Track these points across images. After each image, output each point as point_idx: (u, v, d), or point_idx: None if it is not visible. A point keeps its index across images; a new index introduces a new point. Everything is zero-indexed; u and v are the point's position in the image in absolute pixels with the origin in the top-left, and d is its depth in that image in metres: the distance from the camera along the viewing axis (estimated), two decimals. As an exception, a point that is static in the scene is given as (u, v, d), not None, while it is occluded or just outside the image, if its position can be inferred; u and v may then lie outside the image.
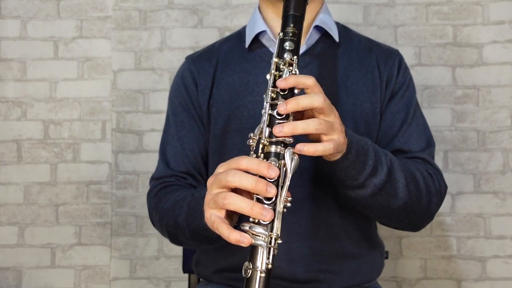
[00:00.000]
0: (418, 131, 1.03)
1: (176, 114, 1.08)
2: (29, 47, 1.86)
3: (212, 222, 0.70)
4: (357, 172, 0.82)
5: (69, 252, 1.84)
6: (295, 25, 0.77)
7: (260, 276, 0.65)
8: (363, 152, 0.81)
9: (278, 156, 0.68)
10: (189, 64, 1.09)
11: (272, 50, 1.03)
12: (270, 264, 0.65)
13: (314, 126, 0.70)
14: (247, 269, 0.66)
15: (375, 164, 0.83)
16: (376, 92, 1.02)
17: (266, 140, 0.69)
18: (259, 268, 0.65)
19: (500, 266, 1.76)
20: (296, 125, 0.68)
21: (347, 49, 1.05)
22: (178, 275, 1.82)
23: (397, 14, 1.82)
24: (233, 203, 0.66)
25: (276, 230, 0.66)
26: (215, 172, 0.71)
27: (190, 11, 1.85)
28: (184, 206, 0.89)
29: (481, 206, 1.77)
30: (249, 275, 0.65)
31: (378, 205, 0.88)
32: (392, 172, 0.86)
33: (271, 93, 0.72)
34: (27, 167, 1.85)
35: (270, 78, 0.74)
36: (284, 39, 0.76)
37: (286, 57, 0.74)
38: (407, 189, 0.88)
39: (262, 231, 0.65)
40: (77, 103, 1.86)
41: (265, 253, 0.65)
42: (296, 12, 0.78)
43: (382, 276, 1.14)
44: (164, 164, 1.07)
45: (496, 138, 1.77)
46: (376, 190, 0.85)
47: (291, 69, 0.73)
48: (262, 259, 0.65)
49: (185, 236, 0.91)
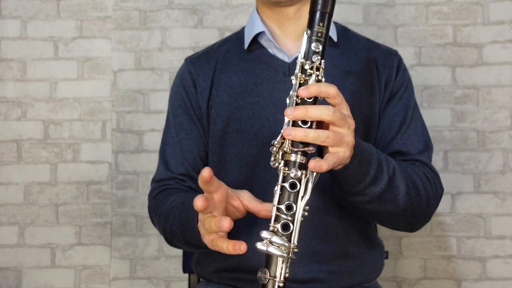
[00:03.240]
0: (416, 133, 1.03)
1: (175, 115, 1.08)
2: (29, 47, 1.86)
3: (213, 247, 0.74)
4: (357, 181, 0.82)
5: (69, 252, 1.84)
6: (323, 24, 0.72)
7: (278, 285, 0.67)
8: (365, 163, 0.81)
9: (299, 165, 0.68)
10: (188, 66, 1.09)
11: (271, 51, 1.03)
12: (287, 273, 0.68)
13: (322, 138, 0.68)
14: (264, 277, 0.68)
15: (376, 174, 0.83)
16: (374, 93, 1.02)
17: (289, 148, 0.69)
18: (278, 278, 0.67)
19: (500, 266, 1.76)
20: (307, 133, 0.68)
21: (345, 50, 1.05)
22: (178, 275, 1.82)
23: (397, 14, 1.82)
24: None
25: (294, 240, 0.68)
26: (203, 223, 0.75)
27: (190, 11, 1.85)
28: (176, 215, 0.91)
29: (481, 206, 1.77)
30: (266, 283, 0.68)
31: (377, 210, 0.89)
32: (393, 180, 0.86)
33: (296, 98, 0.70)
34: (27, 167, 1.85)
35: (296, 81, 0.71)
36: (311, 39, 0.72)
37: (314, 60, 0.70)
38: (408, 196, 0.88)
39: (281, 242, 0.67)
40: (77, 103, 1.86)
41: (285, 264, 0.67)
42: (324, 9, 0.73)
43: (382, 276, 1.14)
44: (164, 166, 1.07)
45: (496, 138, 1.77)
46: (375, 198, 0.85)
47: (318, 74, 0.71)
48: (281, 269, 0.67)
49: (180, 243, 0.94)
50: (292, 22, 1.02)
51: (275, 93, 1.00)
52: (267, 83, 1.01)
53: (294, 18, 1.02)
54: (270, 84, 1.01)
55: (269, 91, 1.01)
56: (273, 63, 1.02)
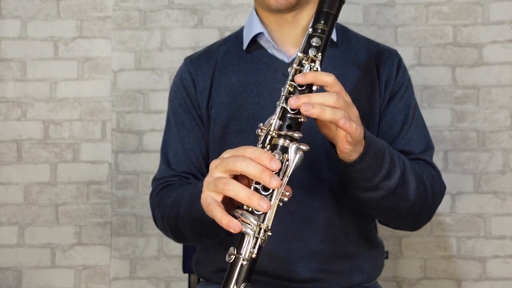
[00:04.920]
0: (418, 133, 1.03)
1: (176, 115, 1.08)
2: (29, 47, 1.86)
3: (208, 204, 0.69)
4: (372, 174, 0.81)
5: (69, 252, 1.84)
6: (326, 22, 0.74)
7: (241, 263, 0.65)
8: (380, 155, 0.81)
9: (284, 149, 0.68)
10: (187, 66, 1.09)
11: (270, 51, 1.03)
12: (254, 254, 0.65)
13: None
14: (231, 254, 0.66)
15: (390, 167, 0.83)
16: (374, 92, 1.02)
17: (275, 132, 0.69)
18: (242, 255, 0.65)
19: (500, 266, 1.76)
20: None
21: (345, 50, 1.05)
22: (178, 275, 1.82)
23: (397, 14, 1.82)
24: (233, 189, 0.66)
25: (267, 221, 0.66)
26: (221, 156, 0.71)
27: (190, 11, 1.85)
28: (186, 196, 0.89)
29: (481, 206, 1.77)
30: (232, 261, 0.65)
31: (388, 206, 0.89)
32: (405, 175, 0.86)
33: (288, 86, 0.70)
34: (27, 167, 1.85)
35: (290, 71, 0.72)
36: (312, 35, 0.73)
37: (310, 53, 0.72)
38: (417, 191, 0.88)
39: (252, 220, 0.65)
40: (77, 103, 1.86)
41: (251, 242, 0.65)
42: (329, 10, 0.75)
43: (382, 276, 1.14)
44: (166, 165, 1.07)
45: (496, 138, 1.77)
46: (388, 193, 0.85)
47: (313, 65, 0.72)
48: (247, 247, 0.65)
49: (185, 227, 0.91)
50: (290, 25, 1.02)
51: (274, 93, 1.00)
52: (266, 84, 1.01)
53: (292, 22, 1.02)
54: (269, 84, 1.01)
55: (268, 92, 1.01)
56: (272, 64, 1.02)
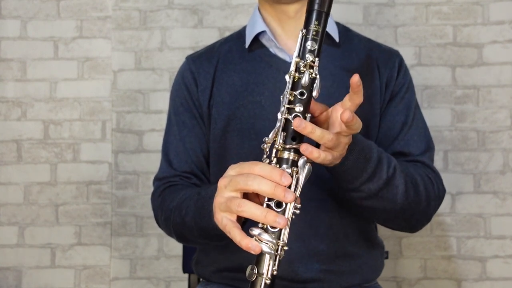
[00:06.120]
0: (418, 134, 1.03)
1: (177, 114, 1.08)
2: (29, 47, 1.86)
3: (224, 226, 0.70)
4: (353, 177, 0.82)
5: (69, 252, 1.84)
6: (319, 22, 0.72)
7: (265, 282, 0.66)
8: (363, 160, 0.81)
9: (291, 163, 0.68)
10: (189, 64, 1.09)
11: (272, 50, 1.03)
12: (275, 271, 0.67)
13: (326, 139, 0.69)
14: (252, 274, 0.67)
15: (374, 171, 0.83)
16: (375, 93, 1.02)
17: (280, 145, 0.69)
18: (265, 275, 0.66)
19: (500, 266, 1.76)
20: (315, 130, 0.68)
21: (347, 50, 1.05)
22: (178, 275, 1.82)
23: (397, 14, 1.82)
24: (247, 210, 0.66)
25: (283, 237, 0.67)
26: (227, 174, 0.71)
27: (190, 11, 1.85)
28: (191, 205, 0.89)
29: (481, 206, 1.77)
30: (254, 279, 0.67)
31: (373, 207, 0.89)
32: (393, 179, 0.86)
33: (288, 95, 0.70)
34: (27, 167, 1.85)
35: (289, 79, 0.71)
36: (306, 38, 0.71)
37: (307, 58, 0.70)
38: (406, 195, 0.89)
39: (270, 239, 0.66)
40: (77, 103, 1.86)
41: (272, 261, 0.66)
42: (321, 8, 0.72)
43: (382, 276, 1.14)
44: (167, 164, 1.07)
45: (496, 138, 1.77)
46: (371, 195, 0.85)
47: (311, 71, 0.70)
48: (268, 266, 0.66)
49: (193, 235, 0.91)
50: (293, 21, 1.03)
51: (276, 92, 1.00)
52: (268, 83, 1.01)
53: (295, 17, 1.02)
54: (271, 83, 1.01)
55: (270, 91, 1.01)
56: (274, 63, 1.02)
